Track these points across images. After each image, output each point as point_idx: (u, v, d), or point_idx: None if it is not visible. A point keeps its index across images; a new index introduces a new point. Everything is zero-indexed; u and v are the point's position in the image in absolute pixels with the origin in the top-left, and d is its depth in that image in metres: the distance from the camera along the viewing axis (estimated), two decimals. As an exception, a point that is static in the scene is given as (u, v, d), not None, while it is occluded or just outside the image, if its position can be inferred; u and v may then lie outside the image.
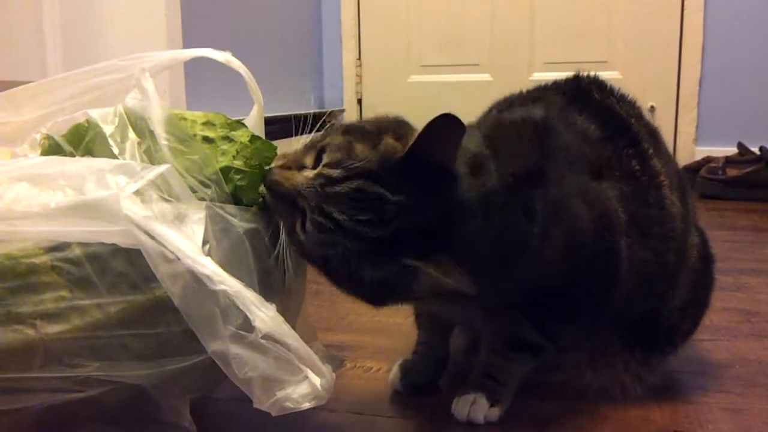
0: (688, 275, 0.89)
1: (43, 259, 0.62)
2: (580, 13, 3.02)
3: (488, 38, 3.13)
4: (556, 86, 0.93)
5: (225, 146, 0.71)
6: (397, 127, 0.72)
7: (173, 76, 1.79)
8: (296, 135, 0.76)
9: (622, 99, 0.92)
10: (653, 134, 0.91)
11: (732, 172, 2.46)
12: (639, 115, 0.92)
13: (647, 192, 0.85)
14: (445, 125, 0.65)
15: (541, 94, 0.92)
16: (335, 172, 0.67)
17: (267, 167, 0.72)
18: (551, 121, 0.83)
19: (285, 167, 0.71)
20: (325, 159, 0.68)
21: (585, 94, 0.90)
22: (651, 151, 0.88)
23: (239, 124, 0.75)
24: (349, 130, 0.71)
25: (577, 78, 0.93)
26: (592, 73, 0.94)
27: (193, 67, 0.81)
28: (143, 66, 0.77)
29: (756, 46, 2.85)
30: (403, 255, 0.67)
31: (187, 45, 1.96)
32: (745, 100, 2.87)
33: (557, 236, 0.76)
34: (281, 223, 0.71)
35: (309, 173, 0.68)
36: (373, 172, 0.67)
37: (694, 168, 2.57)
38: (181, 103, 1.80)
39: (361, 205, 0.66)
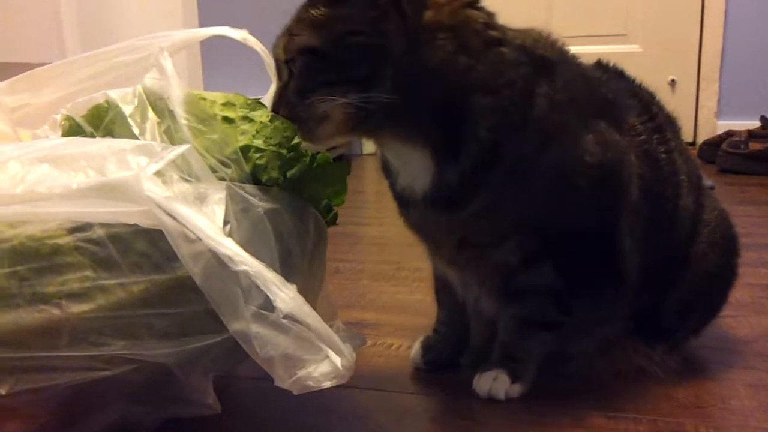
0: (695, 273, 0.88)
1: (67, 239, 0.62)
2: (599, -15, 2.97)
3: (504, 11, 3.09)
4: None
5: (245, 126, 0.71)
6: None
7: (190, 55, 1.79)
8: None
9: (642, 88, 0.90)
10: (673, 125, 0.90)
11: (754, 146, 2.42)
12: (660, 105, 0.90)
13: (665, 184, 0.84)
14: None
15: None
16: None
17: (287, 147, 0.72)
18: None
19: None
20: None
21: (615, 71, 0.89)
22: (673, 143, 0.86)
23: (259, 104, 0.74)
24: None
25: (598, 62, 0.91)
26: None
27: (209, 46, 0.82)
28: (161, 45, 0.77)
29: (780, 16, 2.80)
30: None
31: (203, 22, 1.95)
32: (768, 72, 2.82)
33: (556, 155, 0.75)
34: None
35: None
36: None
37: (716, 142, 2.54)
38: (198, 82, 1.80)
39: None
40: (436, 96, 0.72)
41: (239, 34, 0.80)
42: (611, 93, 0.84)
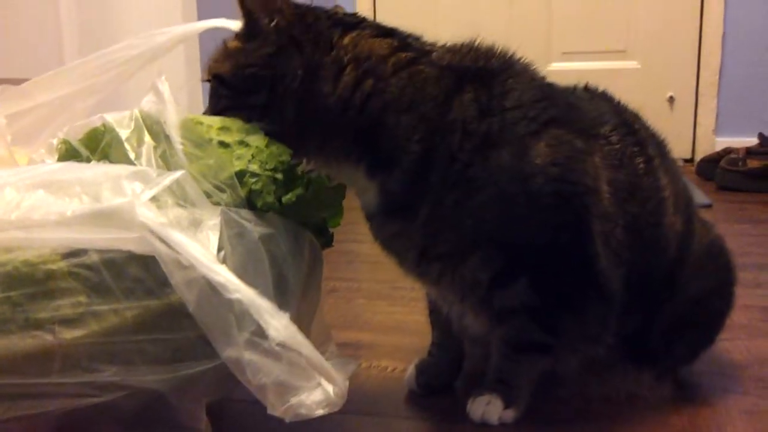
0: (685, 299, 0.87)
1: (61, 265, 0.62)
2: (598, 1, 2.98)
3: (504, 28, 3.10)
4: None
5: (240, 151, 0.71)
6: None
7: (190, 71, 1.80)
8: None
9: (627, 109, 0.89)
10: (660, 146, 0.89)
11: (753, 163, 2.42)
12: (644, 125, 0.89)
13: (644, 195, 0.82)
14: None
15: None
16: None
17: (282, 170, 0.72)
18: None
19: None
20: None
21: (597, 92, 0.89)
22: (657, 160, 0.85)
23: (255, 128, 0.75)
24: None
25: (585, 86, 0.91)
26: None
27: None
28: (158, 40, 0.79)
29: (778, 34, 2.80)
30: None
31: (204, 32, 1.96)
32: (766, 89, 2.82)
33: (500, 160, 0.75)
34: None
35: None
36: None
37: (714, 159, 2.54)
38: (197, 93, 1.80)
39: None
40: (351, 120, 0.76)
41: (236, 25, 0.81)
42: (586, 106, 0.84)
